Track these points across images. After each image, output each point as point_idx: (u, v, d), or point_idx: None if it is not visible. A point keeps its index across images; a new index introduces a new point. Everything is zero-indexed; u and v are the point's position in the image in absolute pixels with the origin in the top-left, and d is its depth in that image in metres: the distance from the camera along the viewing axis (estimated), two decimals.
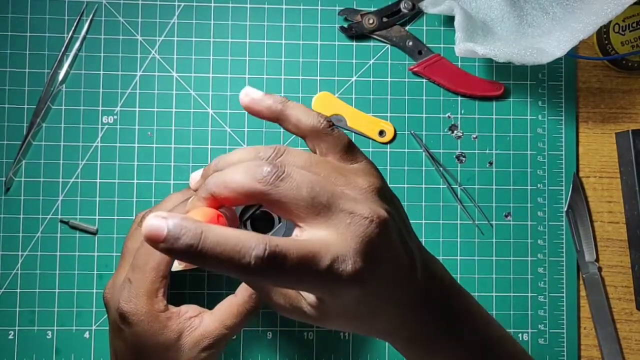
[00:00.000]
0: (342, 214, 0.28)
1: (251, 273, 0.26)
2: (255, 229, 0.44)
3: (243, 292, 0.42)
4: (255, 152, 0.31)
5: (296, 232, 0.29)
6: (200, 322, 0.42)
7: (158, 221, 0.25)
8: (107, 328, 0.52)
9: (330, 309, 0.30)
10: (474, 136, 0.55)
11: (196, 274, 0.53)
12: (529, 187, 0.55)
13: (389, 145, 0.54)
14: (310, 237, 0.28)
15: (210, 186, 0.30)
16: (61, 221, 0.52)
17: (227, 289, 0.53)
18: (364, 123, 0.54)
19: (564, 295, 0.54)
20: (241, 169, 0.29)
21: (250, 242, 0.26)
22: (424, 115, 0.55)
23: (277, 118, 0.33)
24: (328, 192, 0.29)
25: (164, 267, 0.41)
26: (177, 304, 0.42)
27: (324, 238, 0.28)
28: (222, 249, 0.26)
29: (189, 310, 0.42)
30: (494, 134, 0.55)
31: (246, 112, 0.54)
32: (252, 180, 0.29)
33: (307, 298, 0.30)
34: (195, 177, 0.35)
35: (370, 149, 0.54)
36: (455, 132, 0.55)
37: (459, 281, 0.53)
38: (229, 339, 0.42)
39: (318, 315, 0.31)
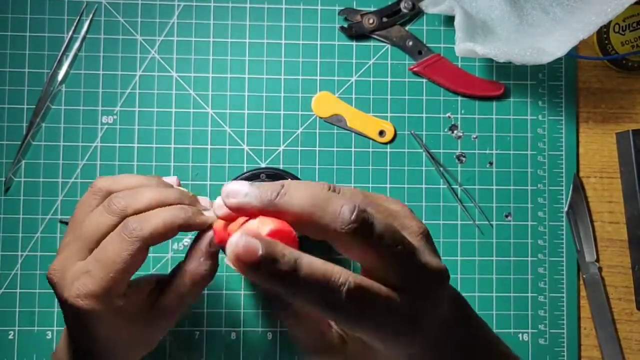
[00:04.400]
0: (416, 265, 0.28)
1: (339, 308, 0.25)
2: None
3: (193, 260, 0.38)
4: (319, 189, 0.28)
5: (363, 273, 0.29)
6: (157, 296, 0.39)
7: (249, 240, 0.25)
8: None
9: (378, 357, 0.30)
10: (474, 136, 0.55)
11: None
12: (529, 188, 0.55)
13: (389, 145, 0.54)
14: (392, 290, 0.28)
15: (283, 205, 0.27)
16: (61, 221, 0.52)
17: (227, 289, 0.53)
18: (364, 123, 0.54)
19: (564, 295, 0.54)
20: (320, 204, 0.27)
21: (337, 274, 0.25)
22: (424, 115, 0.55)
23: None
24: (404, 239, 0.28)
25: (133, 270, 0.36)
26: None
27: (395, 289, 0.28)
28: (315, 279, 0.25)
29: (140, 283, 0.39)
30: (494, 134, 0.55)
31: (246, 112, 0.54)
32: (334, 221, 0.26)
33: (354, 345, 0.30)
34: (220, 202, 0.29)
35: (370, 149, 0.54)
36: (455, 132, 0.55)
37: (459, 281, 0.54)
38: (190, 302, 0.39)
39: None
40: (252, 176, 0.45)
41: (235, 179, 0.45)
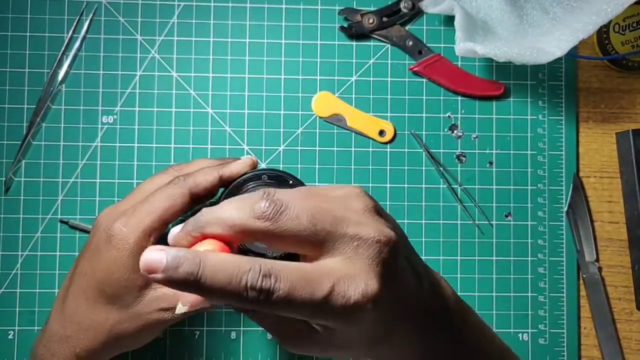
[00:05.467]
0: (348, 238, 0.28)
1: (247, 299, 0.26)
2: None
3: None
4: (247, 202, 0.29)
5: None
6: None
7: (156, 253, 0.25)
8: None
9: (343, 337, 0.29)
10: (474, 136, 0.55)
11: None
12: (529, 187, 0.55)
13: (389, 145, 0.54)
14: (315, 264, 0.28)
15: (202, 224, 0.29)
16: (61, 221, 0.52)
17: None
18: (364, 123, 0.54)
19: (564, 295, 0.54)
20: (237, 206, 0.28)
21: (245, 265, 0.26)
22: (424, 115, 0.55)
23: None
24: (329, 218, 0.28)
25: (172, 215, 0.40)
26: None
27: (328, 264, 0.28)
28: (221, 275, 0.25)
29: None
30: (494, 134, 0.55)
31: (246, 112, 0.54)
32: (249, 217, 0.28)
33: (319, 328, 0.30)
34: (175, 231, 0.31)
35: (370, 149, 0.54)
36: (455, 131, 0.55)
37: (459, 281, 0.54)
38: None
39: (333, 346, 0.30)
40: (254, 176, 0.45)
41: (236, 179, 0.45)
